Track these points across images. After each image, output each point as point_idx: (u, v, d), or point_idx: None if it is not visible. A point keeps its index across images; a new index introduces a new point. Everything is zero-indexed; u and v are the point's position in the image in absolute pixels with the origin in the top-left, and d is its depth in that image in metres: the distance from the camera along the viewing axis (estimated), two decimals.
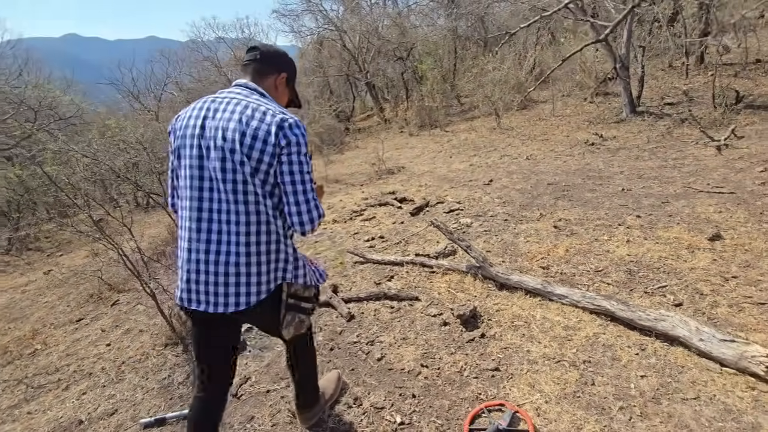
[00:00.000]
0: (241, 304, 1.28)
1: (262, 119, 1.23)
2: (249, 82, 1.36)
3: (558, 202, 4.12)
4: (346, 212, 5.03)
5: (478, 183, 5.26)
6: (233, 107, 1.26)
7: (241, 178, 1.23)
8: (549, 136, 7.47)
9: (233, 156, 1.22)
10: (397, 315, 2.62)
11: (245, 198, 1.25)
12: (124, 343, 2.94)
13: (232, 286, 1.26)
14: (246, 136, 1.21)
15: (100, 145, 5.12)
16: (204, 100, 1.32)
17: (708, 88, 8.45)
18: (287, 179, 1.25)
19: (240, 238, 1.25)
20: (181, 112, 1.36)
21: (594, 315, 2.30)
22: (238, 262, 1.26)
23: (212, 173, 1.25)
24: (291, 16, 15.53)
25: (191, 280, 1.28)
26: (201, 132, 1.26)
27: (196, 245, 1.27)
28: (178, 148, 1.30)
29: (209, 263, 1.26)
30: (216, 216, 1.26)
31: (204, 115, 1.27)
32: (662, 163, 4.89)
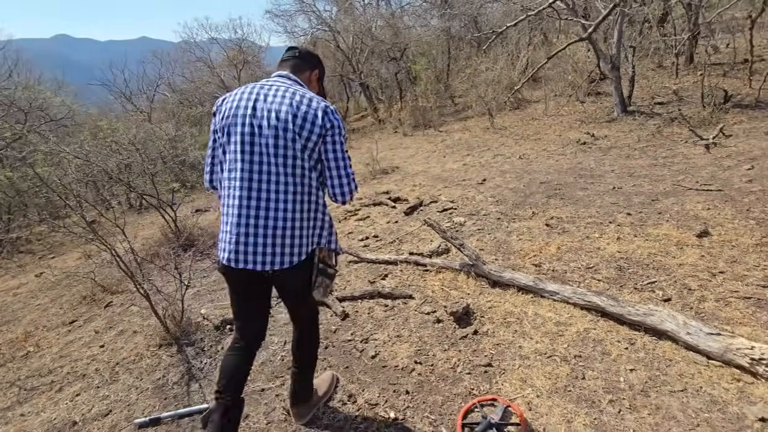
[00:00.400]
0: (285, 263, 1.44)
1: (309, 105, 1.43)
2: (290, 74, 1.55)
3: (550, 201, 4.16)
4: (340, 212, 5.04)
5: (472, 182, 5.30)
6: (283, 93, 1.44)
7: (292, 153, 1.41)
8: (542, 136, 7.53)
9: (286, 134, 1.40)
10: (391, 313, 2.64)
11: (293, 171, 1.42)
12: (118, 344, 2.93)
13: (278, 247, 1.42)
14: (297, 118, 1.40)
15: (92, 147, 5.09)
16: (252, 85, 1.48)
17: (697, 87, 8.57)
18: (330, 156, 1.45)
19: (288, 205, 1.42)
20: (226, 96, 1.50)
21: (585, 311, 2.34)
22: (285, 227, 1.42)
23: (263, 148, 1.41)
24: (284, 17, 15.51)
25: (240, 242, 1.42)
26: (253, 113, 1.41)
27: (246, 211, 1.41)
28: (228, 126, 1.44)
29: (258, 227, 1.41)
30: (266, 186, 1.41)
31: (255, 98, 1.43)
32: (652, 162, 4.95)
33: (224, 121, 1.45)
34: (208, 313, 3.01)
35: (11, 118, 9.40)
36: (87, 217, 3.09)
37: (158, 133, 7.74)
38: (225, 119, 1.45)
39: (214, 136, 1.52)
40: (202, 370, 2.42)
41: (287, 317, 2.35)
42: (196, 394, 2.22)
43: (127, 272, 2.62)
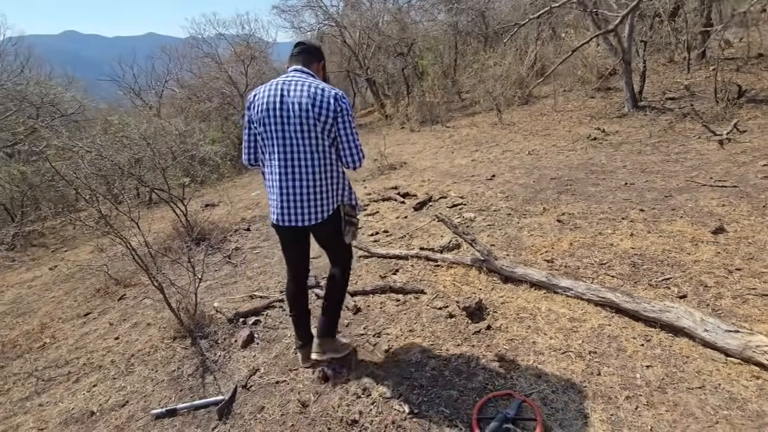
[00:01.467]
0: (319, 218, 1.87)
1: (322, 94, 1.77)
2: (303, 68, 1.89)
3: (561, 197, 4.13)
4: None
5: (481, 178, 5.27)
6: (301, 87, 1.79)
7: (314, 135, 1.79)
8: (551, 132, 7.47)
9: (308, 120, 1.76)
10: (403, 308, 2.64)
11: (317, 148, 1.80)
12: (133, 336, 2.97)
13: (312, 207, 1.84)
14: (315, 107, 1.76)
15: (103, 141, 5.13)
16: (276, 82, 1.83)
17: (710, 82, 8.43)
18: (342, 133, 1.82)
19: (316, 176, 1.82)
20: (256, 91, 1.85)
21: (599, 307, 2.32)
22: (315, 192, 1.83)
23: (293, 133, 1.78)
24: (291, 12, 15.47)
25: (284, 207, 1.84)
26: (281, 106, 1.78)
27: (285, 183, 1.82)
28: (262, 119, 1.81)
29: (296, 195, 1.82)
30: (298, 162, 1.80)
31: (281, 93, 1.79)
32: (665, 158, 4.90)
33: (258, 115, 1.82)
34: (221, 306, 3.03)
35: (23, 114, 9.51)
36: (102, 210, 3.11)
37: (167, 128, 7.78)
38: (259, 113, 1.81)
39: (250, 125, 1.88)
40: (216, 362, 2.45)
41: None
42: (211, 386, 2.25)
43: (141, 265, 2.65)
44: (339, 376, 2.09)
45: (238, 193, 8.39)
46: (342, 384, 2.05)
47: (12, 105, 9.63)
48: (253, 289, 3.33)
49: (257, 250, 4.27)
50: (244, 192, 8.29)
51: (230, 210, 6.38)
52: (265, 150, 1.86)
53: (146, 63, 15.04)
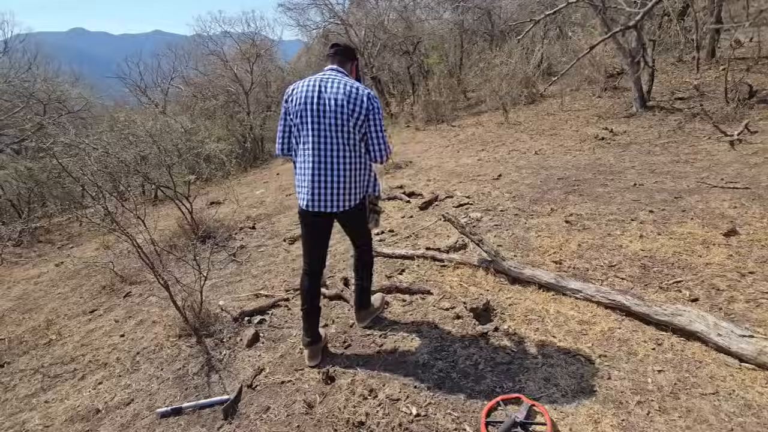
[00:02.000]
0: (346, 206, 2.01)
1: (357, 92, 1.91)
2: (338, 67, 2.03)
3: (569, 197, 4.09)
4: None
5: (487, 178, 5.24)
6: (337, 84, 1.93)
7: (346, 129, 1.93)
8: (558, 131, 7.41)
9: (342, 116, 1.91)
10: (409, 308, 2.62)
11: (348, 142, 1.95)
12: (138, 334, 2.97)
13: (341, 195, 1.98)
14: (349, 103, 1.90)
15: (110, 138, 5.14)
16: (315, 78, 1.97)
17: (719, 82, 8.34)
18: (372, 129, 1.97)
19: (346, 166, 1.96)
20: (294, 86, 1.99)
21: (609, 310, 2.29)
22: (345, 181, 1.97)
23: (327, 126, 1.92)
24: (297, 10, 15.44)
25: (315, 193, 1.96)
26: (318, 100, 1.92)
27: (318, 171, 1.94)
28: (300, 111, 1.94)
29: (327, 182, 1.95)
30: (330, 153, 1.94)
31: (319, 89, 1.93)
32: (674, 158, 4.84)
33: (296, 107, 1.95)
34: (226, 305, 3.02)
35: (30, 110, 9.56)
36: (108, 207, 3.11)
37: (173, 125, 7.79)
38: (296, 106, 1.95)
39: (286, 117, 2.02)
40: (221, 361, 2.44)
41: None
42: (216, 385, 2.24)
43: (147, 262, 2.64)
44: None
45: (243, 191, 8.40)
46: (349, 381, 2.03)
47: (20, 102, 9.69)
48: (258, 287, 3.32)
49: (262, 248, 4.26)
50: (249, 190, 8.30)
51: (236, 208, 6.38)
52: (299, 140, 2.00)
53: (152, 61, 15.12)
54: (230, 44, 15.21)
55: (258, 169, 11.86)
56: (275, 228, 4.84)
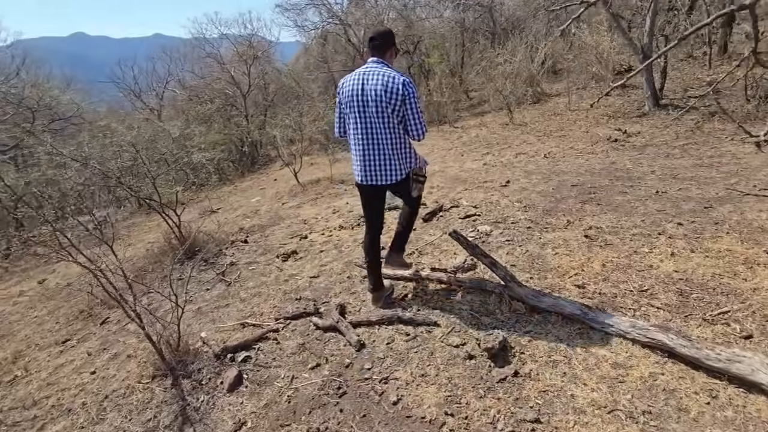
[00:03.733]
0: (394, 179, 2.34)
1: (393, 82, 2.18)
2: (378, 59, 2.30)
3: (585, 207, 3.76)
4: (353, 217, 4.70)
5: (494, 184, 4.91)
6: (377, 76, 2.21)
7: (386, 115, 2.22)
8: (566, 132, 7.07)
9: (382, 104, 2.20)
10: (413, 344, 2.30)
11: (389, 126, 2.25)
12: (110, 371, 2.65)
13: (389, 170, 2.32)
14: (387, 93, 2.18)
15: (92, 148, 4.83)
16: (360, 72, 2.27)
17: (733, 79, 7.99)
18: (409, 113, 2.23)
19: (388, 146, 2.28)
20: (344, 80, 2.33)
21: (647, 349, 1.96)
22: (389, 158, 2.30)
23: (370, 114, 2.25)
24: (294, 11, 15.16)
25: (366, 169, 2.33)
26: (362, 92, 2.24)
27: (365, 152, 2.31)
28: (349, 102, 2.29)
29: (374, 161, 2.31)
30: (374, 136, 2.28)
31: (363, 81, 2.24)
32: (696, 162, 4.50)
33: (346, 99, 2.31)
34: (209, 337, 2.70)
35: (20, 117, 9.27)
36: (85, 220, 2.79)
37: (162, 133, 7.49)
38: (346, 97, 2.30)
39: (340, 106, 2.38)
40: (198, 410, 2.12)
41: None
42: None
43: (114, 297, 2.33)
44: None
45: (239, 198, 8.09)
46: None
47: (10, 109, 9.40)
48: (245, 314, 3.00)
49: (253, 266, 3.94)
50: (244, 197, 7.99)
51: (227, 218, 6.07)
52: (350, 126, 2.36)
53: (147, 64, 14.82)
54: (227, 46, 14.93)
55: (256, 174, 11.56)
56: (269, 242, 4.53)
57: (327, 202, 5.68)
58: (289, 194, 6.84)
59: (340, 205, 5.35)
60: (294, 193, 6.86)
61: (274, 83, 15.18)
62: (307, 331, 2.61)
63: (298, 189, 6.97)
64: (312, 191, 6.59)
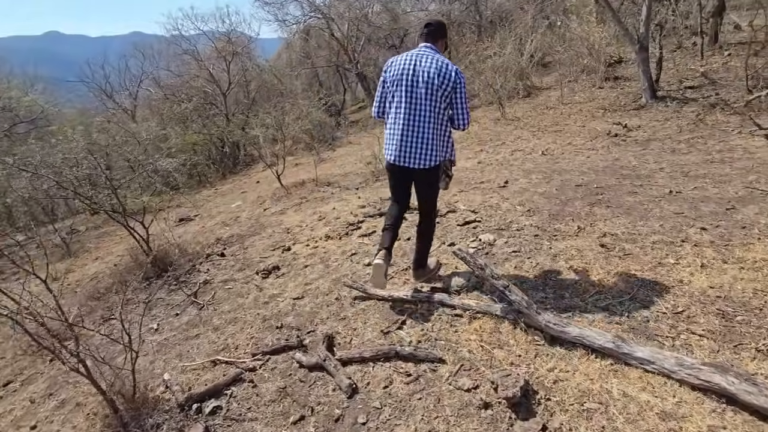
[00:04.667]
0: (427, 164, 2.33)
1: (446, 67, 2.26)
2: (430, 45, 2.35)
3: (594, 210, 3.43)
4: (340, 224, 4.31)
5: (492, 185, 4.57)
6: (429, 59, 2.28)
7: (435, 98, 2.28)
8: (562, 127, 6.78)
9: (433, 86, 2.26)
10: (416, 387, 1.93)
11: (435, 109, 2.30)
12: (54, 425, 2.22)
13: (425, 153, 2.31)
14: (439, 76, 2.25)
15: (49, 155, 4.33)
16: (411, 53, 2.33)
17: (727, 69, 7.80)
18: (457, 100, 2.31)
19: (431, 129, 2.30)
20: (393, 60, 2.38)
21: (699, 391, 1.62)
22: (429, 142, 2.31)
23: (418, 94, 2.28)
24: (275, 4, 14.58)
25: (402, 149, 2.32)
26: (413, 71, 2.28)
27: (407, 131, 2.30)
28: (397, 80, 2.31)
29: (414, 141, 2.31)
30: (419, 117, 2.29)
31: (414, 62, 2.29)
32: (706, 157, 4.22)
33: (394, 77, 2.32)
34: (173, 379, 2.29)
35: None
36: None
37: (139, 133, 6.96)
38: (394, 75, 2.31)
39: (384, 85, 2.39)
40: None
41: None
42: None
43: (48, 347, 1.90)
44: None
45: (218, 203, 7.61)
46: None
47: None
48: (218, 347, 2.59)
49: (230, 284, 3.52)
50: (224, 202, 7.51)
51: (204, 227, 5.62)
52: (393, 104, 2.34)
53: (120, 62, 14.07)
54: (205, 42, 14.29)
55: (237, 176, 11.04)
56: (248, 255, 4.11)
57: (312, 207, 5.27)
58: (272, 198, 6.41)
59: (327, 210, 4.94)
60: (277, 197, 6.42)
61: (255, 80, 14.61)
62: (289, 369, 2.23)
63: (281, 192, 6.53)
64: (296, 195, 6.17)
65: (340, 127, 13.37)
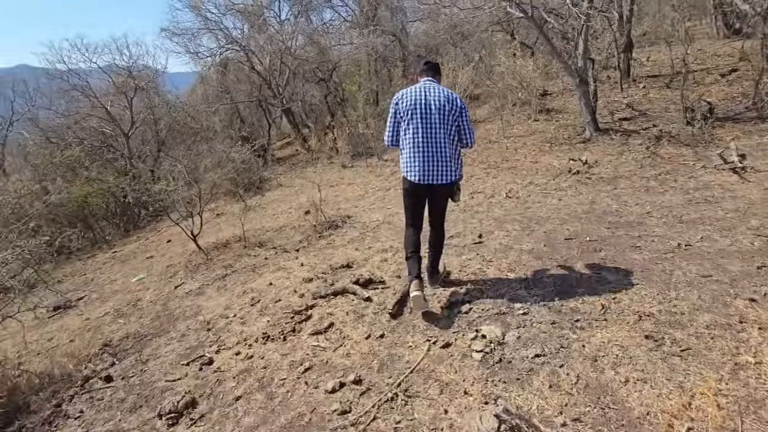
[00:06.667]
0: (446, 180, 2.65)
1: (452, 95, 2.67)
2: (433, 79, 2.78)
3: (605, 275, 2.80)
4: (282, 312, 3.23)
5: (464, 240, 3.83)
6: (437, 90, 2.66)
7: (447, 122, 2.63)
8: (514, 163, 6.40)
9: (443, 112, 2.62)
10: None
11: (447, 133, 2.64)
12: None
13: (446, 171, 2.64)
14: (448, 104, 2.63)
15: None
16: (418, 87, 2.68)
17: (650, 101, 8.21)
18: (464, 123, 2.69)
19: (447, 149, 2.64)
20: (403, 93, 2.70)
21: None
22: (448, 160, 2.64)
23: (432, 120, 2.62)
24: (186, 35, 13.20)
25: (425, 169, 2.62)
26: (425, 101, 2.62)
27: (426, 154, 2.61)
28: (411, 110, 2.63)
29: (435, 161, 2.61)
30: (434, 141, 2.62)
31: (424, 93, 2.64)
32: (686, 197, 3.89)
33: (408, 107, 2.63)
34: None
35: None
36: None
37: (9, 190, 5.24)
38: (407, 106, 2.64)
39: (396, 115, 2.71)
40: None
41: None
42: None
43: None
44: None
45: (115, 274, 5.99)
46: None
47: None
48: None
49: None
50: (123, 273, 5.91)
51: (88, 320, 4.12)
52: (408, 132, 2.64)
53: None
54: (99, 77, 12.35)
55: (144, 231, 9.23)
56: (148, 377, 2.83)
57: (241, 282, 4.10)
58: (187, 268, 5.07)
59: (261, 287, 3.81)
60: (194, 265, 5.10)
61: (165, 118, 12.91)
62: None
63: (198, 259, 5.22)
64: (219, 262, 4.92)
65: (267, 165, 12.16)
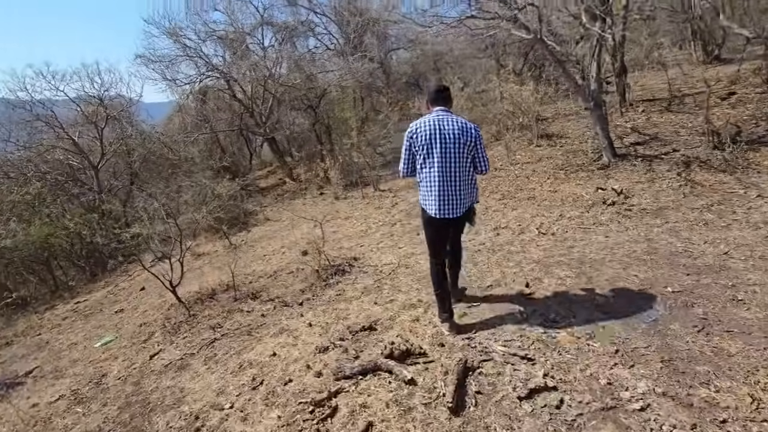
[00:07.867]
0: (463, 210, 2.70)
1: (467, 126, 2.65)
2: (446, 108, 2.74)
3: (716, 341, 2.18)
4: (294, 403, 2.44)
5: (508, 290, 3.18)
6: (452, 120, 2.64)
7: (463, 152, 2.63)
8: (530, 193, 5.87)
9: (459, 142, 2.61)
10: None
11: (465, 162, 2.65)
12: None
13: (461, 202, 2.67)
14: (464, 134, 2.62)
15: None
16: (431, 118, 2.65)
17: (654, 125, 7.97)
18: (480, 151, 2.70)
19: (464, 180, 2.66)
20: (416, 125, 2.66)
21: None
22: (464, 191, 2.67)
23: (448, 150, 2.60)
24: (162, 63, 12.51)
25: (443, 203, 2.63)
26: (440, 132, 2.60)
27: (445, 186, 2.62)
28: (426, 143, 2.61)
29: (452, 194, 2.63)
30: (453, 171, 2.62)
31: (439, 124, 2.62)
32: (761, 232, 3.38)
33: (422, 141, 2.62)
34: None
35: None
36: None
37: None
38: (424, 139, 2.61)
39: (411, 147, 2.69)
40: None
41: None
42: None
43: None
44: None
45: (76, 334, 4.99)
46: None
47: None
48: None
49: None
50: (85, 333, 4.93)
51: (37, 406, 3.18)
52: (425, 164, 2.65)
53: None
54: (66, 106, 11.44)
55: (114, 276, 8.18)
56: None
57: (236, 351, 3.28)
58: (164, 328, 4.19)
59: (263, 359, 3.01)
60: (173, 324, 4.23)
61: (140, 148, 12.02)
62: None
63: (179, 315, 4.36)
64: (204, 320, 4.06)
65: (251, 197, 11.36)
